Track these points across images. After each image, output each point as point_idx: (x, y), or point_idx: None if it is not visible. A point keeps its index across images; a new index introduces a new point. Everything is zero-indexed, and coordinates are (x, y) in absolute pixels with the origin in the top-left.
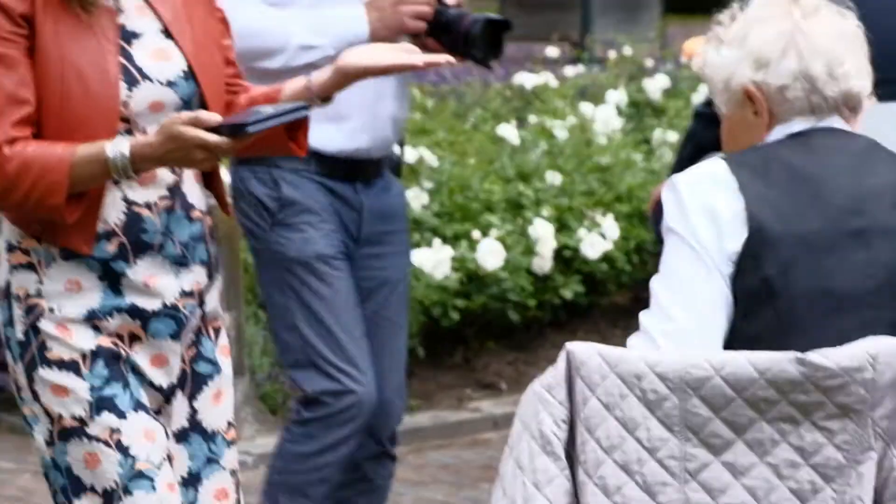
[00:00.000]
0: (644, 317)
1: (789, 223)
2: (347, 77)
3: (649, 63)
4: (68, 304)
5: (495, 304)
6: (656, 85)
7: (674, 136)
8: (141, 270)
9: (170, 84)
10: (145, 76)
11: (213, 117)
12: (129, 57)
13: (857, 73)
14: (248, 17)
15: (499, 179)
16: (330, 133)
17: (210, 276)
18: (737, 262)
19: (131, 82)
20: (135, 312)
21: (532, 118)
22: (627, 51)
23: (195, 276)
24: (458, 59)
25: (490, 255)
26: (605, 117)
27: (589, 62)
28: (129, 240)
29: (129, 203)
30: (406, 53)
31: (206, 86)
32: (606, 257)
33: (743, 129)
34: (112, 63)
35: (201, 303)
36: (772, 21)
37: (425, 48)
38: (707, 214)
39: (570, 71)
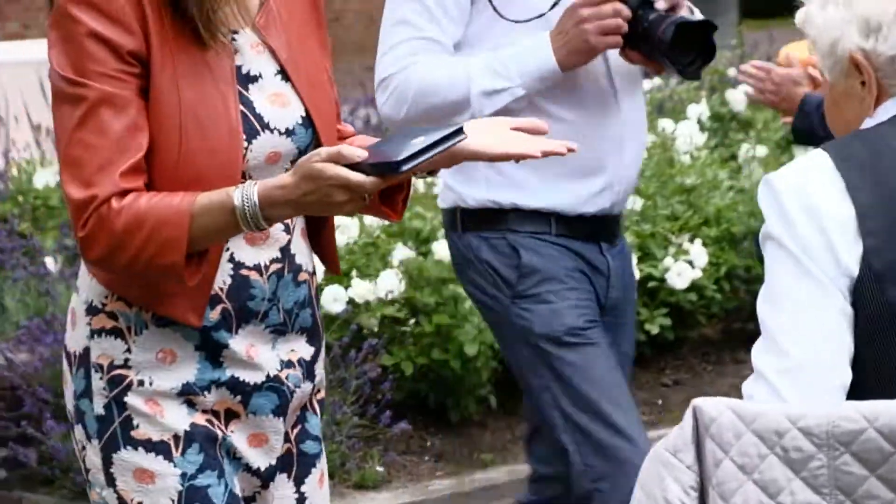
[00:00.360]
0: (755, 354)
1: None
2: (455, 159)
3: (731, 72)
4: (160, 376)
5: None
6: (740, 96)
7: (763, 151)
8: (242, 340)
9: (288, 133)
10: (265, 125)
11: (357, 153)
12: (248, 104)
13: None
14: (423, 72)
15: None
16: (575, 191)
17: (313, 343)
18: (854, 280)
19: (251, 133)
20: (235, 386)
21: None
22: None
23: (292, 345)
24: (656, 71)
25: None
26: (687, 133)
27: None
28: (233, 306)
29: (237, 265)
30: (524, 141)
31: (323, 132)
32: (694, 286)
33: (849, 101)
34: (234, 111)
35: (309, 374)
36: None
37: (631, 61)
38: (814, 220)
39: (646, 84)
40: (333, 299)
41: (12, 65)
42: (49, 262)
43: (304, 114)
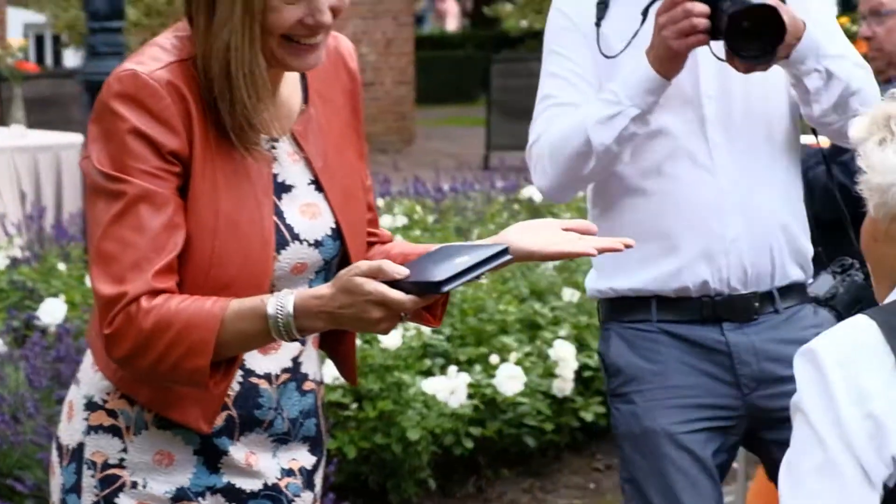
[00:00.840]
0: None
1: None
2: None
3: None
4: (155, 479)
5: (511, 430)
6: None
7: None
8: (243, 447)
9: (316, 244)
10: (295, 236)
11: (398, 269)
12: (280, 214)
13: None
14: (553, 132)
15: (514, 299)
16: (660, 268)
17: (315, 453)
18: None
19: (281, 243)
20: (231, 493)
21: None
22: None
23: (294, 454)
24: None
25: (510, 380)
26: None
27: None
28: (240, 414)
29: (247, 372)
30: (577, 240)
31: (352, 243)
32: None
33: (887, 244)
34: (269, 221)
35: (309, 484)
36: None
37: (736, 68)
38: (861, 406)
39: None
40: None
41: None
42: None
43: (333, 225)
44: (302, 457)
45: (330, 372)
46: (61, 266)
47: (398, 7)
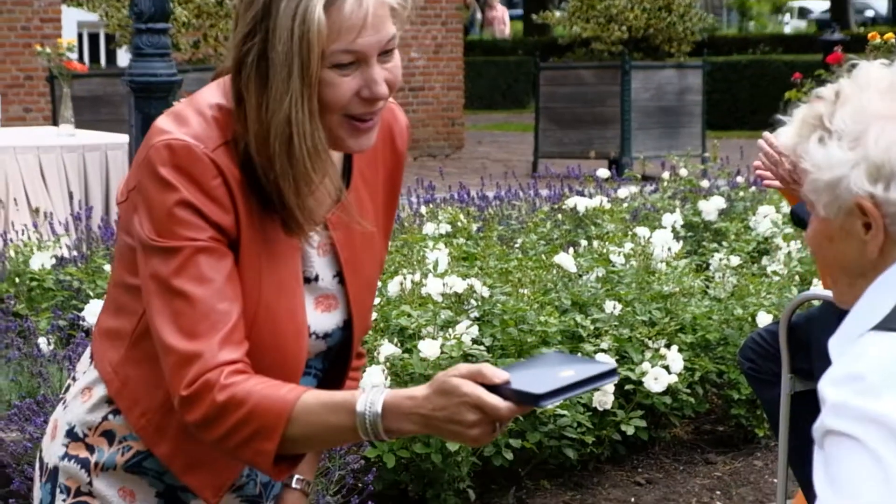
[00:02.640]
0: None
1: None
2: None
3: (704, 183)
4: None
5: (551, 442)
6: (712, 206)
7: (736, 261)
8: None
9: (325, 336)
10: (309, 330)
11: (499, 374)
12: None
13: None
14: None
15: (555, 310)
16: None
17: None
18: None
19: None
20: None
21: (583, 243)
22: (682, 171)
23: None
24: None
25: None
26: (663, 241)
27: (641, 181)
28: None
29: None
30: None
31: (359, 334)
32: (669, 389)
33: (847, 240)
34: (302, 311)
35: None
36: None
37: None
38: None
39: (621, 192)
40: None
41: (13, 149)
42: (42, 342)
43: (346, 318)
44: None
45: (369, 380)
46: (107, 267)
47: (447, 12)
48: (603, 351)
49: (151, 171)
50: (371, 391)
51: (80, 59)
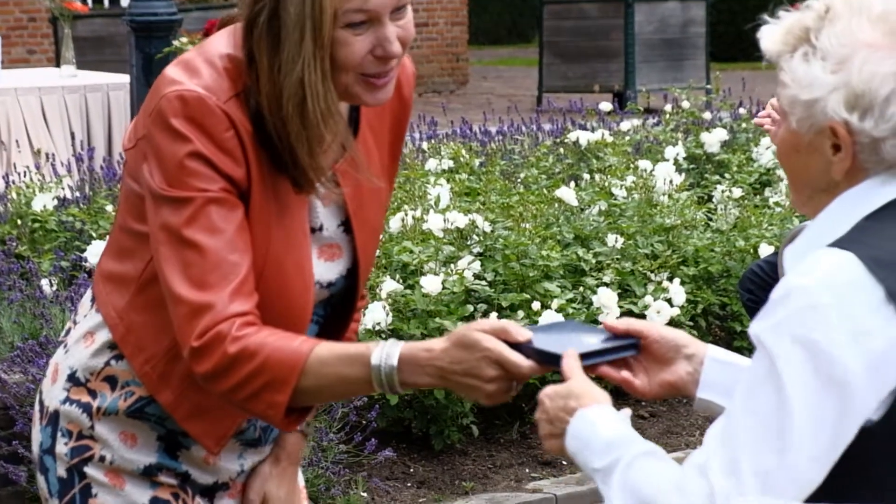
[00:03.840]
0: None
1: None
2: None
3: (706, 115)
4: (122, 455)
5: (554, 377)
6: (715, 138)
7: (738, 192)
8: (204, 448)
9: (329, 285)
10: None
11: (523, 332)
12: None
13: None
14: None
15: (557, 244)
16: None
17: None
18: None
19: None
20: (188, 481)
21: (586, 176)
22: (684, 103)
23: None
24: None
25: None
26: (665, 174)
27: (644, 114)
28: None
29: None
30: None
31: (363, 281)
32: (671, 322)
33: (814, 156)
34: (309, 264)
35: None
36: (882, 52)
37: None
38: (858, 337)
39: (624, 125)
40: None
41: (15, 90)
42: (45, 284)
43: (350, 266)
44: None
45: (371, 317)
46: (109, 207)
47: None
48: (605, 284)
49: (163, 121)
50: (387, 344)
51: None
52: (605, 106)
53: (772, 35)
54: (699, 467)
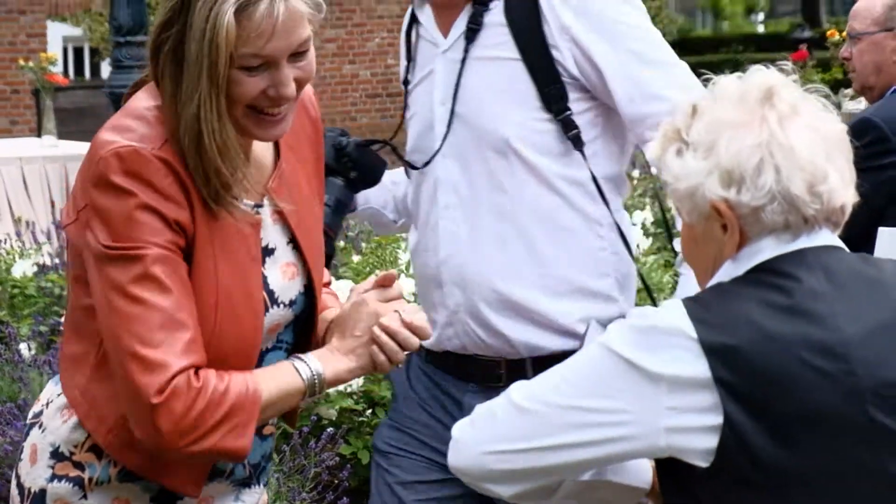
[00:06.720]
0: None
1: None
2: None
3: None
4: None
5: None
6: None
7: None
8: (201, 494)
9: (291, 304)
10: (275, 300)
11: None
12: (265, 280)
13: (842, 185)
14: None
15: None
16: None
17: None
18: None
19: (264, 310)
20: None
21: None
22: (653, 169)
23: (256, 496)
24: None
25: None
26: (635, 239)
27: None
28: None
29: None
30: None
31: (319, 298)
32: None
33: (709, 242)
34: (258, 293)
35: None
36: (744, 128)
37: None
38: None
39: None
40: None
41: None
42: (23, 348)
43: (306, 283)
44: (260, 499)
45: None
46: None
47: None
48: None
49: (104, 181)
50: (307, 361)
51: (66, 72)
52: None
53: (653, 144)
54: None
